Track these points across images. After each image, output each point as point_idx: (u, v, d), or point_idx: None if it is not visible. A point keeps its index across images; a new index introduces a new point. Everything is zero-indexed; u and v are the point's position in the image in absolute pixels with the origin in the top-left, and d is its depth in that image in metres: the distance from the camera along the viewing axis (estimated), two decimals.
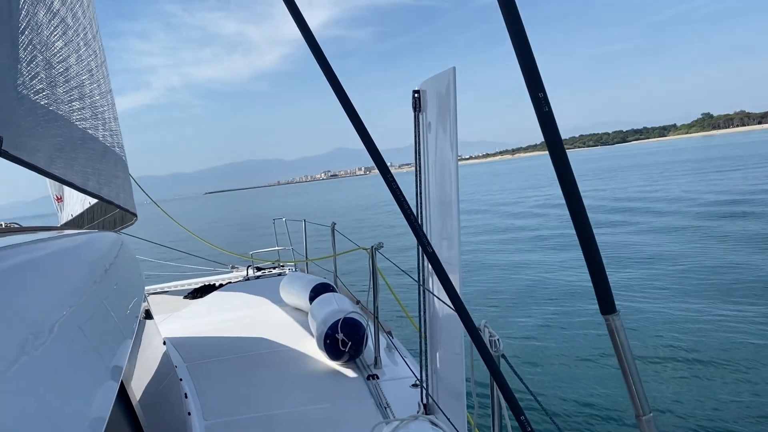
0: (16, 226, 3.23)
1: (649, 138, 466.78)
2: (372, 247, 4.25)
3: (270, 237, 11.08)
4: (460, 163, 2.59)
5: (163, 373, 3.06)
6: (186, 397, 3.81)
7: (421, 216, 2.97)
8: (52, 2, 2.39)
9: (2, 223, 3.56)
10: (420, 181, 2.97)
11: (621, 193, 33.50)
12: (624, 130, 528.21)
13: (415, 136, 2.98)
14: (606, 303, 1.15)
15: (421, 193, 2.98)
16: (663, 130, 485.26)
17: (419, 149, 2.97)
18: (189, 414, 3.54)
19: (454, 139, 2.60)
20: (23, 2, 2.03)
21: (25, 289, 1.14)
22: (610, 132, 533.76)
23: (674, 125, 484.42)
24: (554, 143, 1.13)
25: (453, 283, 1.76)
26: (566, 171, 1.14)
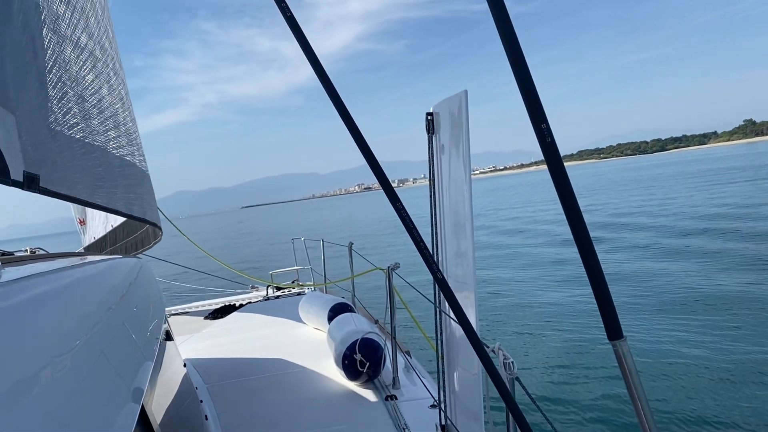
0: (42, 252, 3.32)
1: (689, 146, 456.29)
2: (389, 267, 4.27)
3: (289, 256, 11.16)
4: (493, 174, 2.60)
5: (184, 395, 3.09)
6: (206, 419, 3.84)
7: (437, 236, 2.99)
8: (79, 38, 2.46)
9: (28, 249, 3.65)
10: (435, 201, 3.00)
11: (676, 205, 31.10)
12: (663, 138, 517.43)
13: (429, 157, 3.02)
14: (613, 329, 1.16)
15: (436, 214, 3.01)
16: (703, 138, 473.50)
17: (433, 170, 3.01)
18: None
19: (467, 160, 2.63)
20: (48, 42, 2.10)
21: (51, 315, 1.18)
22: (648, 140, 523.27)
23: (715, 132, 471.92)
24: (557, 171, 1.15)
25: (468, 303, 1.77)
26: (570, 197, 1.15)
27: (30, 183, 1.79)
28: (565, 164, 1.17)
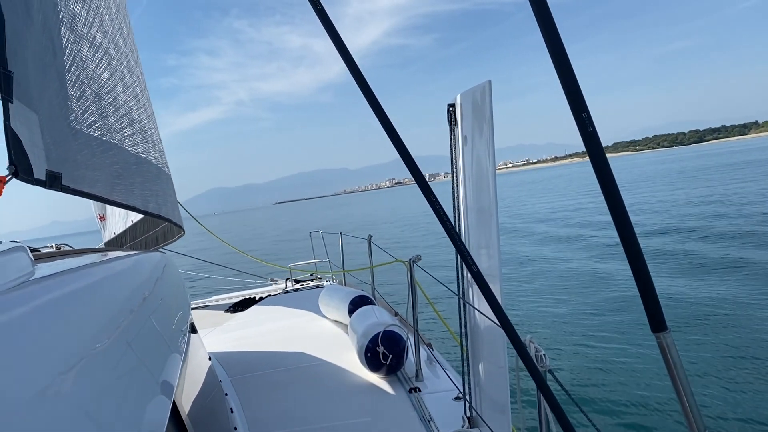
0: (67, 248, 3.35)
1: (728, 137, 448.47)
2: (410, 259, 4.26)
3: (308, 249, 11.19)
4: (526, 167, 2.58)
5: (210, 387, 3.11)
6: (232, 411, 3.87)
7: (459, 227, 2.98)
8: (95, 36, 2.48)
9: (54, 245, 3.69)
10: (457, 192, 2.98)
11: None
12: (701, 129, 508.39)
13: (451, 148, 3.00)
14: (656, 320, 1.13)
15: (459, 205, 2.99)
16: (743, 128, 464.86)
17: (455, 161, 2.98)
18: (235, 429, 3.59)
19: (491, 150, 2.62)
20: (66, 41, 2.11)
21: (85, 310, 1.19)
22: (685, 131, 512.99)
23: (755, 122, 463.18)
24: (599, 161, 1.13)
25: (496, 296, 1.75)
26: (612, 187, 1.13)
27: (52, 181, 1.80)
28: None
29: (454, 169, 3.01)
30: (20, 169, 1.63)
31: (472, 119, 2.75)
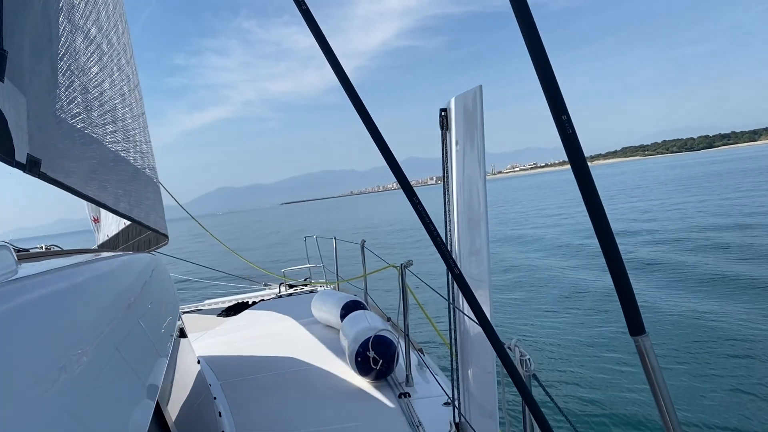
0: (57, 249, 3.33)
1: (738, 143, 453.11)
2: (401, 264, 4.26)
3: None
4: (534, 171, 2.58)
5: (198, 391, 3.10)
6: (220, 415, 3.85)
7: (450, 233, 2.98)
8: (90, 30, 2.48)
9: (43, 246, 3.68)
10: (448, 198, 2.98)
11: None
12: (711, 135, 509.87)
13: (443, 153, 3.00)
14: (635, 324, 1.14)
15: (449, 210, 2.99)
16: (754, 134, 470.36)
17: (447, 167, 2.99)
18: None
19: (481, 155, 2.62)
20: (63, 29, 2.11)
21: (67, 310, 1.18)
22: (695, 137, 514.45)
23: (766, 129, 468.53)
24: (579, 164, 1.13)
25: (482, 301, 1.75)
26: (591, 191, 1.14)
27: (32, 167, 1.80)
28: (609, 161, 1.14)
29: (446, 174, 3.01)
30: (0, 149, 1.62)
31: (464, 124, 2.76)
